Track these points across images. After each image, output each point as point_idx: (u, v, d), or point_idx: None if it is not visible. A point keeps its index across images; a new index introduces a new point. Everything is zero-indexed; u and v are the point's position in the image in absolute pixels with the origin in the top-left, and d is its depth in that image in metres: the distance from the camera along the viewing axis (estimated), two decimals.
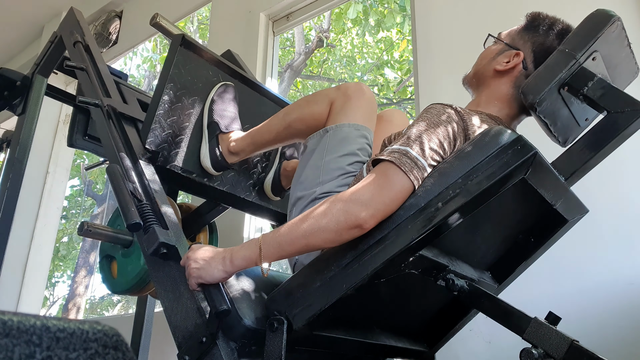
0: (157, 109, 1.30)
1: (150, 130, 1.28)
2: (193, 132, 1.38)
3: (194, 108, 1.39)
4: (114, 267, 1.54)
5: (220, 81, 1.47)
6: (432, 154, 0.87)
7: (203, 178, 1.39)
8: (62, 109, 3.55)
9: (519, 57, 1.06)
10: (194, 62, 1.40)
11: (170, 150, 1.32)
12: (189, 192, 1.59)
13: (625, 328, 1.32)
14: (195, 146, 1.38)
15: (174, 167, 1.32)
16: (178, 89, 1.35)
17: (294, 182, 1.14)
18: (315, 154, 1.11)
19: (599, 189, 1.45)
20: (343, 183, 1.07)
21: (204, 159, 1.38)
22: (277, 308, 0.89)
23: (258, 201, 1.55)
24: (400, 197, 0.85)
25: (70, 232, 8.96)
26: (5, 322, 0.28)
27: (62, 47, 1.67)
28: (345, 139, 1.10)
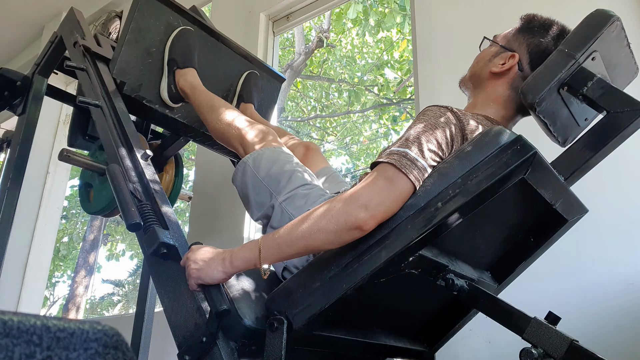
0: (123, 45, 1.47)
1: (117, 62, 1.46)
2: (155, 68, 1.55)
3: (157, 47, 1.55)
4: (91, 193, 1.74)
5: (181, 26, 1.61)
6: (431, 155, 0.87)
7: (165, 109, 1.58)
8: (62, 109, 3.55)
9: (515, 58, 1.06)
10: (157, 8, 1.55)
11: (135, 83, 1.49)
12: (155, 123, 1.84)
13: (625, 328, 1.33)
14: (157, 80, 1.55)
15: (138, 96, 1.50)
16: (141, 29, 1.51)
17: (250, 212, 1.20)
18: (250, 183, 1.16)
19: (599, 189, 1.45)
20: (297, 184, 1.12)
21: (163, 91, 1.55)
22: (277, 308, 0.89)
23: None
24: (401, 198, 0.85)
25: (71, 232, 8.97)
26: (6, 322, 0.29)
27: (62, 47, 1.67)
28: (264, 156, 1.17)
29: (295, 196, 1.10)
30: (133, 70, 1.49)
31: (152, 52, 1.53)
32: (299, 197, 1.10)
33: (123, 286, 10.62)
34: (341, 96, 8.04)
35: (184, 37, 1.58)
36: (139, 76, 1.50)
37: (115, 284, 10.68)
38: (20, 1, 3.61)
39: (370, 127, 8.43)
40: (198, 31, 1.65)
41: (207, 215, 2.36)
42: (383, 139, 8.07)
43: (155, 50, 1.54)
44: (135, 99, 1.50)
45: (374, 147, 8.19)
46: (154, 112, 1.56)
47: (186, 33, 1.59)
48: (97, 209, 1.69)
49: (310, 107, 8.50)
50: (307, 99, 8.44)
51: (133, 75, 1.49)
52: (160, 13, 1.55)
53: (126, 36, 1.48)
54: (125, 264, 23.27)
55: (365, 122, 8.34)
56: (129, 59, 1.48)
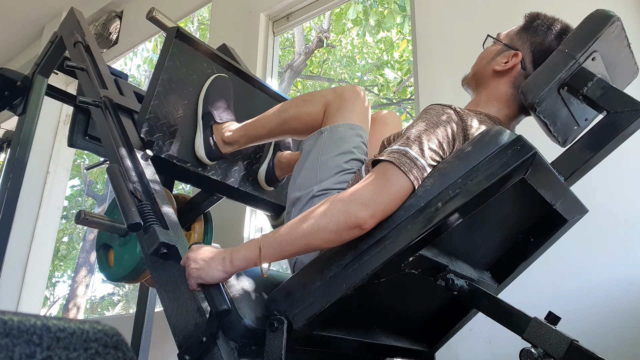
0: (152, 100, 1.32)
1: (145, 120, 1.30)
2: (188, 123, 1.40)
3: (189, 99, 1.42)
4: (110, 255, 1.57)
5: (214, 73, 1.49)
6: (432, 154, 0.87)
7: (197, 167, 1.41)
8: (62, 109, 3.55)
9: (518, 57, 1.06)
10: (188, 55, 1.43)
11: (165, 140, 1.34)
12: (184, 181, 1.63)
13: (625, 328, 1.33)
14: (190, 136, 1.41)
15: (168, 156, 1.34)
16: (173, 81, 1.38)
17: (291, 183, 1.15)
18: (312, 155, 1.12)
19: (599, 189, 1.45)
20: (340, 180, 1.07)
21: (199, 148, 1.40)
22: (277, 308, 0.89)
23: (252, 191, 1.57)
24: (400, 196, 0.85)
25: (71, 232, 8.96)
26: (6, 322, 0.29)
27: (62, 47, 1.67)
28: (340, 138, 1.11)
29: (329, 194, 1.07)
30: (163, 128, 1.34)
31: (184, 105, 1.40)
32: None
33: (123, 286, 10.61)
34: None
35: (219, 87, 1.46)
36: (170, 133, 1.35)
37: (115, 283, 10.67)
38: (20, 1, 3.61)
39: None
40: (233, 78, 1.53)
41: None
42: None
43: (187, 103, 1.41)
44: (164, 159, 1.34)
45: None
46: (185, 171, 1.40)
47: (221, 81, 1.47)
48: (120, 276, 1.52)
49: None
50: None
51: (163, 133, 1.34)
52: (193, 60, 1.43)
53: (155, 89, 1.34)
54: None
55: None
56: (159, 115, 1.33)
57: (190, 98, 1.42)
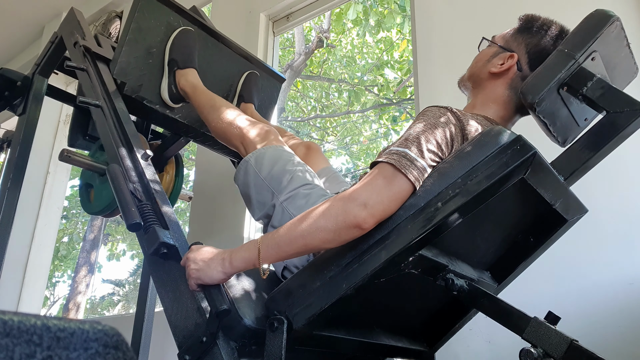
0: (123, 45, 1.47)
1: (118, 62, 1.46)
2: (155, 69, 1.55)
3: (157, 48, 1.55)
4: (91, 194, 1.74)
5: (181, 26, 1.61)
6: (431, 155, 0.87)
7: (165, 110, 1.58)
8: (62, 109, 3.55)
9: (513, 59, 1.07)
10: (157, 8, 1.55)
11: (135, 83, 1.49)
12: (155, 123, 1.84)
13: (625, 328, 1.33)
14: (157, 81, 1.56)
15: (138, 97, 1.50)
16: (142, 30, 1.51)
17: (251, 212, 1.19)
18: (252, 181, 1.16)
19: (599, 189, 1.45)
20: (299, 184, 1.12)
21: (163, 91, 1.56)
22: (277, 308, 0.89)
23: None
24: (400, 197, 0.85)
25: (71, 232, 8.96)
26: (6, 322, 0.29)
27: (62, 47, 1.67)
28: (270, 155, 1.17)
29: (297, 196, 1.10)
30: (133, 71, 1.49)
31: (153, 52, 1.54)
32: (300, 197, 1.10)
33: (123, 286, 10.62)
34: (341, 96, 8.04)
35: (184, 38, 1.58)
36: (140, 76, 1.51)
37: (115, 283, 10.68)
38: (20, 1, 3.61)
39: (370, 127, 8.43)
40: (198, 31, 1.65)
41: (207, 215, 2.36)
42: (383, 139, 8.07)
43: (156, 51, 1.55)
44: (135, 100, 1.50)
45: (374, 147, 8.19)
46: (155, 112, 1.57)
47: (186, 33, 1.59)
48: (98, 209, 1.69)
49: (310, 107, 8.50)
50: (307, 99, 8.44)
51: (133, 75, 1.49)
52: (160, 13, 1.56)
53: (127, 36, 1.48)
54: (126, 263, 23.25)
55: (365, 122, 8.34)
56: (130, 59, 1.48)
57: (158, 47, 1.56)
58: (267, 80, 1.90)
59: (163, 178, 1.89)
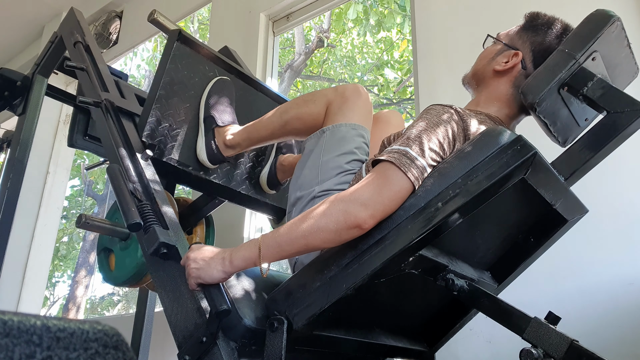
0: (153, 103, 1.32)
1: (147, 123, 1.30)
2: (189, 126, 1.40)
3: (191, 102, 1.41)
4: (111, 260, 1.56)
5: (216, 76, 1.48)
6: (432, 154, 0.87)
7: (199, 171, 1.40)
8: (62, 109, 3.55)
9: (518, 57, 1.06)
10: (190, 58, 1.42)
11: (166, 143, 1.34)
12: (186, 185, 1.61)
13: (625, 328, 1.33)
14: (191, 140, 1.40)
15: (170, 159, 1.34)
16: (174, 84, 1.37)
17: (292, 183, 1.14)
18: (313, 155, 1.11)
19: (599, 189, 1.45)
20: (342, 181, 1.07)
21: (200, 152, 1.40)
22: (277, 308, 0.89)
23: (254, 195, 1.56)
24: (400, 196, 0.85)
25: (71, 232, 8.96)
26: (6, 322, 0.29)
27: (62, 47, 1.67)
28: (342, 138, 1.11)
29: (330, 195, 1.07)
30: (164, 131, 1.33)
31: (186, 108, 1.40)
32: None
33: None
34: None
35: (221, 90, 1.45)
36: (171, 137, 1.35)
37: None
38: (20, 1, 3.61)
39: None
40: (235, 80, 1.52)
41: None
42: None
43: (189, 107, 1.40)
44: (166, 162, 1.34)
45: None
46: (187, 174, 1.39)
47: (223, 84, 1.46)
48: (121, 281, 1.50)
49: None
50: None
51: (164, 136, 1.33)
52: (194, 63, 1.42)
53: (157, 92, 1.33)
54: None
55: None
56: (160, 118, 1.33)
57: (192, 101, 1.41)
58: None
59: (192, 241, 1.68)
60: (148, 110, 1.32)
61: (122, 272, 1.49)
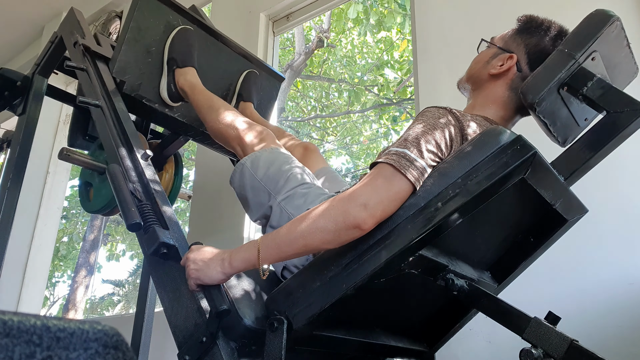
0: (122, 44, 1.47)
1: (117, 61, 1.46)
2: (155, 67, 1.55)
3: (156, 47, 1.55)
4: (91, 193, 1.75)
5: (180, 25, 1.60)
6: (430, 155, 0.87)
7: (164, 108, 1.58)
8: (62, 109, 3.55)
9: (513, 59, 1.07)
10: (156, 7, 1.55)
11: (135, 81, 1.50)
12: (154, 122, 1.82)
13: (625, 328, 1.33)
14: (157, 80, 1.56)
15: (138, 96, 1.50)
16: (141, 29, 1.51)
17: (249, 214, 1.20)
18: (248, 183, 1.16)
19: (599, 189, 1.45)
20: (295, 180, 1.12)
21: (162, 90, 1.56)
22: (277, 308, 0.89)
23: None
24: (399, 197, 0.85)
25: (71, 232, 8.96)
26: (6, 322, 0.29)
27: (62, 47, 1.67)
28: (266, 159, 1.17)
29: (294, 195, 1.10)
30: (133, 70, 1.49)
31: (152, 51, 1.54)
32: (298, 196, 1.10)
33: (123, 286, 10.62)
34: (341, 96, 8.04)
35: (184, 37, 1.58)
36: (139, 75, 1.51)
37: (115, 283, 10.68)
38: (20, 1, 3.61)
39: (371, 127, 8.43)
40: (197, 30, 1.65)
41: (207, 215, 2.36)
42: (383, 139, 8.07)
43: (155, 50, 1.55)
44: (135, 98, 1.50)
45: (374, 147, 8.19)
46: (154, 111, 1.57)
47: (186, 32, 1.59)
48: (97, 208, 1.70)
49: (311, 107, 8.50)
50: (307, 99, 8.44)
51: (133, 74, 1.49)
52: (160, 12, 1.56)
53: (126, 35, 1.48)
54: (126, 264, 23.28)
55: (365, 122, 8.34)
56: (129, 58, 1.48)
57: (157, 45, 1.55)
58: (267, 80, 1.90)
59: (162, 177, 1.89)
60: (118, 49, 1.48)
61: (99, 201, 1.69)
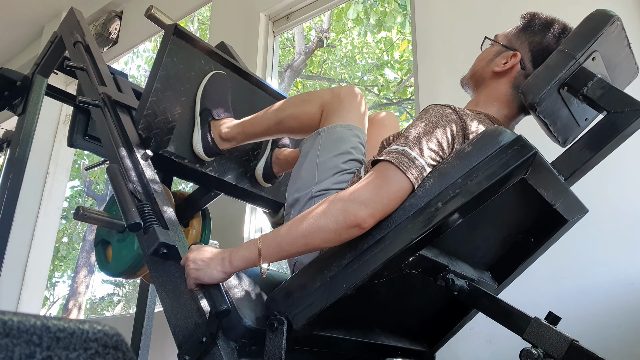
0: (150, 96, 1.34)
1: (143, 116, 1.32)
2: (185, 120, 1.41)
3: (187, 96, 1.42)
4: (109, 252, 1.58)
5: (212, 70, 1.49)
6: (431, 154, 0.87)
7: (195, 164, 1.42)
8: (62, 109, 3.55)
9: (517, 57, 1.06)
10: (186, 52, 1.44)
11: (162, 136, 1.35)
12: (182, 178, 1.64)
13: (625, 328, 1.32)
14: (187, 133, 1.41)
15: (166, 152, 1.35)
16: (170, 77, 1.39)
17: (290, 185, 1.15)
18: (310, 156, 1.12)
19: (599, 189, 1.45)
20: (339, 180, 1.08)
21: (196, 145, 1.40)
22: (277, 308, 0.89)
23: (250, 188, 1.57)
24: (399, 196, 0.85)
25: (71, 232, 8.97)
26: (6, 322, 0.28)
27: (62, 47, 1.67)
28: (338, 139, 1.12)
29: (328, 194, 1.07)
30: (160, 124, 1.35)
31: (182, 101, 1.41)
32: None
33: (123, 286, 10.62)
34: None
35: (217, 84, 1.46)
36: (168, 130, 1.37)
37: (115, 284, 10.68)
38: (20, 1, 3.61)
39: None
40: (231, 75, 1.53)
41: None
42: None
43: (185, 100, 1.41)
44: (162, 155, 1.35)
45: None
46: (183, 167, 1.41)
47: (219, 78, 1.47)
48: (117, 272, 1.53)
49: None
50: None
51: (161, 129, 1.35)
52: (190, 57, 1.44)
53: (153, 85, 1.35)
54: None
55: None
56: (157, 111, 1.35)
57: (188, 95, 1.42)
58: None
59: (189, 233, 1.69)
60: (145, 103, 1.34)
61: (119, 264, 1.51)
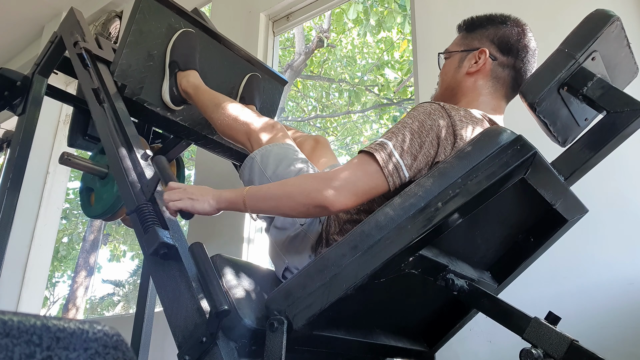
0: (124, 48, 1.47)
1: (118, 65, 1.45)
2: (157, 71, 1.55)
3: (158, 50, 1.55)
4: (92, 197, 1.76)
5: (182, 28, 1.60)
6: (413, 151, 0.91)
7: (166, 112, 1.57)
8: (62, 109, 3.55)
9: (485, 52, 1.09)
10: (158, 10, 1.55)
11: (136, 85, 1.49)
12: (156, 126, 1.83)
13: (625, 328, 1.32)
14: (158, 83, 1.55)
15: (139, 99, 1.49)
16: (143, 32, 1.51)
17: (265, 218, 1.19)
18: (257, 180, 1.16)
19: (599, 189, 1.45)
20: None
21: (165, 94, 1.55)
22: (277, 308, 0.89)
23: (218, 138, 1.73)
24: (373, 192, 0.90)
25: (70, 232, 8.96)
26: (5, 322, 0.29)
27: (62, 47, 1.67)
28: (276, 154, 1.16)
29: None
30: (134, 73, 1.49)
31: (153, 54, 1.53)
32: None
33: (123, 286, 10.62)
34: (341, 96, 8.03)
35: (186, 40, 1.57)
36: (140, 79, 1.50)
37: (115, 284, 10.68)
38: (20, 1, 3.61)
39: (371, 127, 8.43)
40: (199, 33, 1.64)
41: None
42: None
43: (157, 53, 1.54)
44: (136, 102, 1.50)
45: None
46: (156, 115, 1.56)
47: (187, 35, 1.58)
48: (98, 213, 1.69)
49: (311, 107, 8.50)
50: (308, 99, 8.44)
51: (134, 78, 1.48)
52: (161, 15, 1.55)
53: (127, 39, 1.47)
54: (126, 264, 23.24)
55: (365, 122, 8.34)
56: (130, 62, 1.48)
57: (159, 48, 1.55)
58: (269, 83, 1.89)
59: None
60: (119, 53, 1.47)
61: (100, 205, 1.69)
